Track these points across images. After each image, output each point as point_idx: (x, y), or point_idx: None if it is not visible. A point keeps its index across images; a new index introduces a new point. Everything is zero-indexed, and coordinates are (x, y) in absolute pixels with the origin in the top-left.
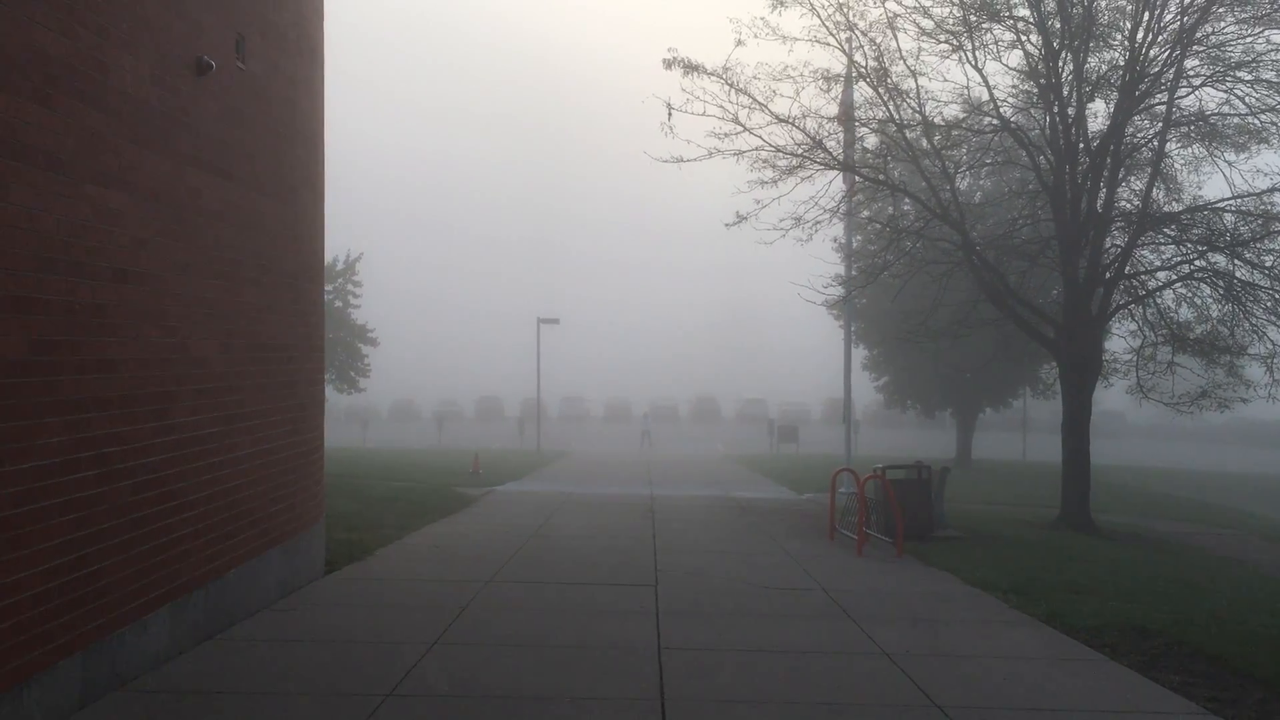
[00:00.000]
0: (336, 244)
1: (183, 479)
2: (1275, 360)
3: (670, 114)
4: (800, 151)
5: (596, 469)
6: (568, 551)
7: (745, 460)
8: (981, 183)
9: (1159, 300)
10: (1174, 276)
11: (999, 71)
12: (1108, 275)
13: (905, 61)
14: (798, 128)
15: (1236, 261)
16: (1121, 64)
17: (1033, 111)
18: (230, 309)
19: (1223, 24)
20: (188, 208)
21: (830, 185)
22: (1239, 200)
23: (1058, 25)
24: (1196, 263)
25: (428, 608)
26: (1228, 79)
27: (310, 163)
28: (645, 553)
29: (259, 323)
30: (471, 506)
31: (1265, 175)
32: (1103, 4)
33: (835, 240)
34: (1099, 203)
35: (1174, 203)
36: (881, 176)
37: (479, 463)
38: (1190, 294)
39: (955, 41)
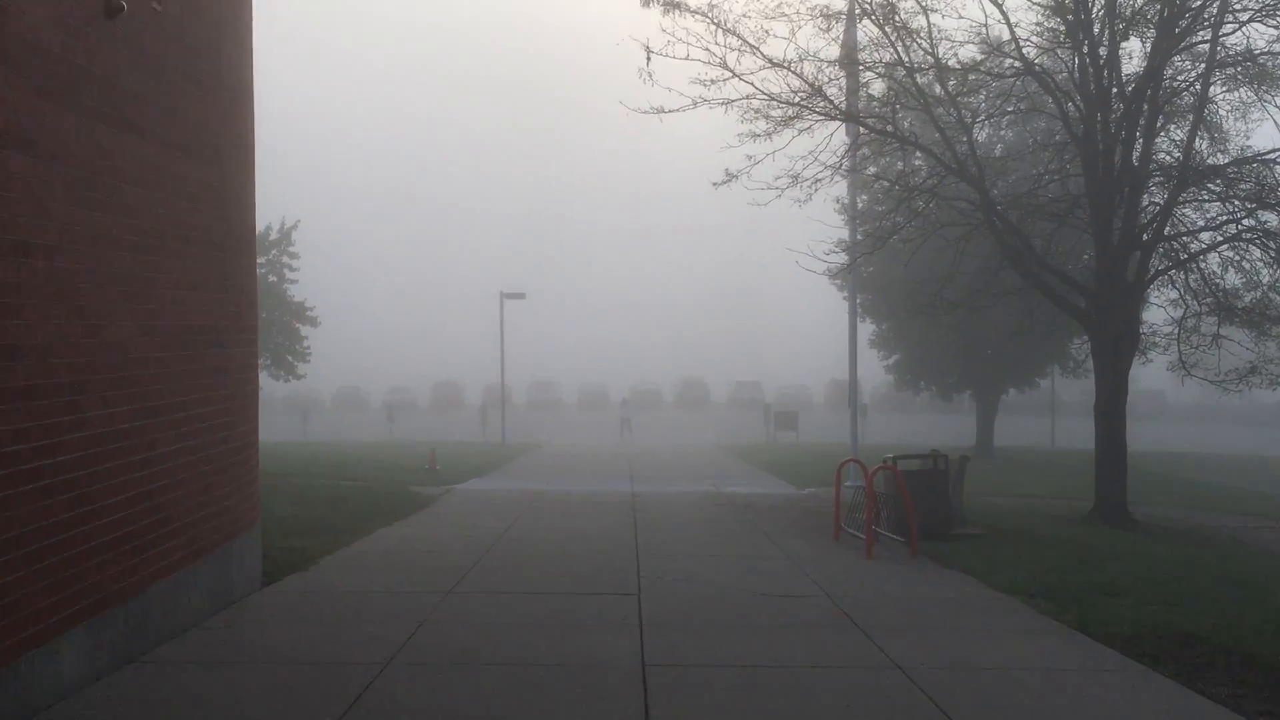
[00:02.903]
0: (269, 210)
1: (98, 481)
2: None
3: (649, 58)
4: (797, 100)
5: (570, 463)
6: (538, 557)
7: (738, 451)
8: (1002, 133)
9: (1203, 264)
10: (1219, 238)
11: (1021, 7)
12: (1145, 237)
13: None
14: (794, 73)
15: None
16: None
17: (1060, 52)
18: (149, 286)
19: None
20: (98, 170)
21: (831, 138)
22: None
23: None
24: (1245, 222)
25: (380, 623)
26: (1279, 13)
27: (238, 118)
28: (627, 557)
29: (182, 301)
30: (428, 508)
31: None
32: None
33: (838, 201)
34: (1135, 155)
35: (1219, 154)
36: (889, 127)
37: (436, 458)
38: (1238, 257)
39: None
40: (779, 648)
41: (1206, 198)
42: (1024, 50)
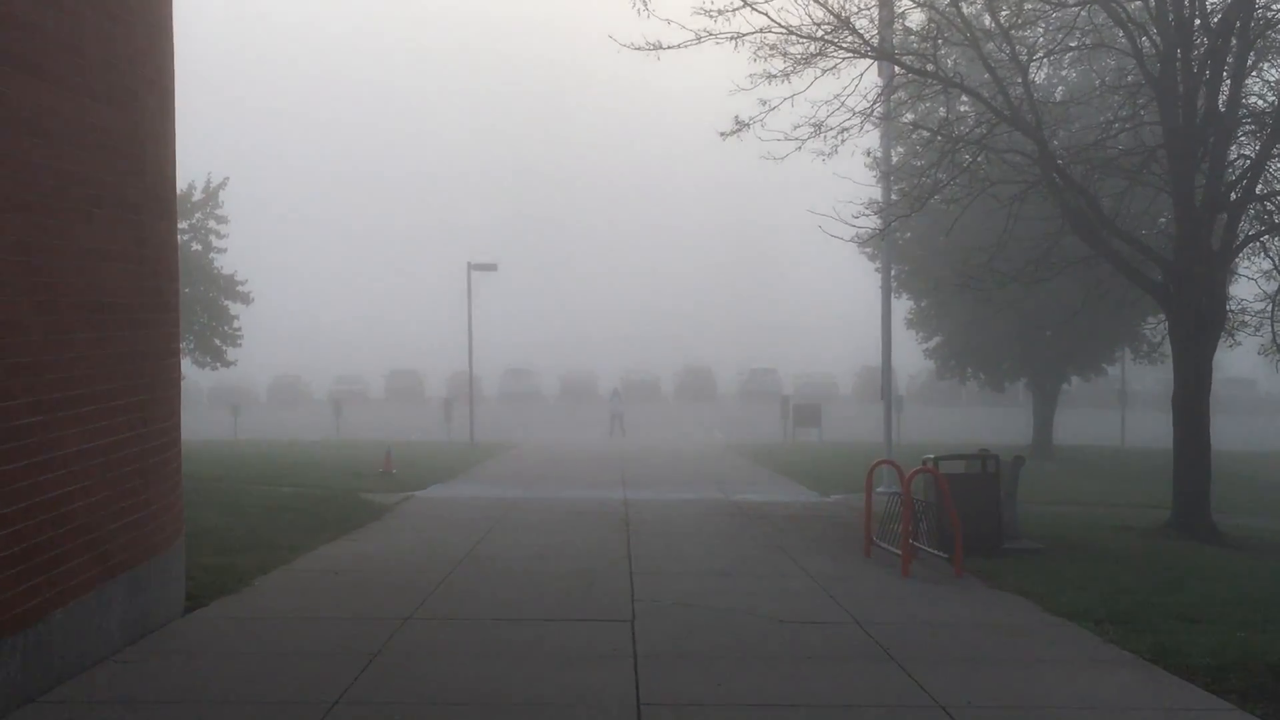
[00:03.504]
0: (192, 166)
1: None
2: None
3: None
4: (820, 33)
5: (551, 466)
6: (514, 577)
7: (751, 451)
8: (1064, 73)
9: None
10: None
11: None
12: (1233, 196)
13: None
14: (817, 2)
15: None
16: None
17: None
18: (50, 255)
19: None
20: None
21: (861, 79)
22: None
23: None
24: None
25: (325, 655)
26: None
27: (156, 55)
28: (619, 577)
29: (90, 273)
30: (383, 518)
31: None
32: None
33: (869, 154)
34: (1221, 99)
35: None
36: (930, 66)
37: (392, 459)
38: None
39: None
40: (799, 684)
41: None
42: None
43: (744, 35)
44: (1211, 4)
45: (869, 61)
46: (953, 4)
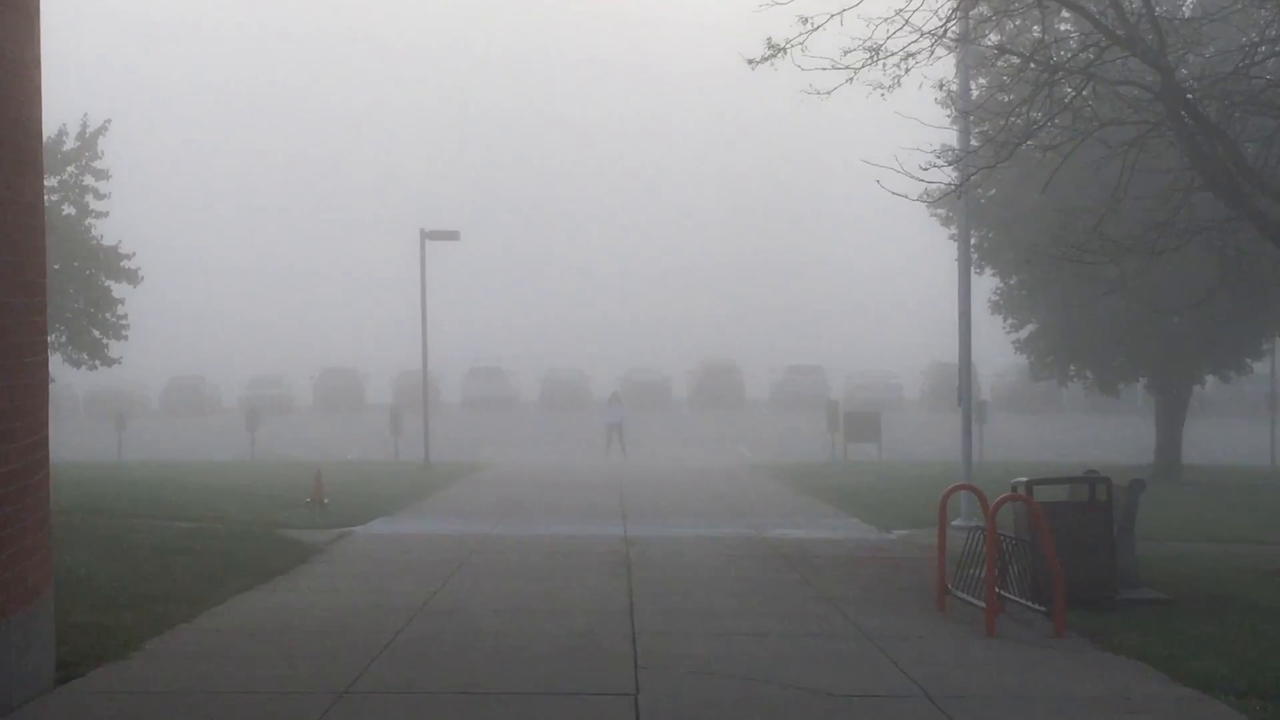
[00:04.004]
0: (64, 104)
1: None
2: None
3: None
4: None
5: (529, 492)
6: (482, 638)
7: (789, 473)
8: None
9: None
10: None
11: None
12: None
13: None
14: None
15: None
16: None
17: None
18: None
19: None
20: None
21: None
22: None
23: None
24: None
25: None
26: None
27: None
28: (618, 637)
29: None
30: (311, 561)
31: None
32: None
33: (942, 87)
34: None
35: None
36: None
37: (323, 486)
38: None
39: None
40: None
41: None
42: None
43: None
44: None
45: None
46: None
